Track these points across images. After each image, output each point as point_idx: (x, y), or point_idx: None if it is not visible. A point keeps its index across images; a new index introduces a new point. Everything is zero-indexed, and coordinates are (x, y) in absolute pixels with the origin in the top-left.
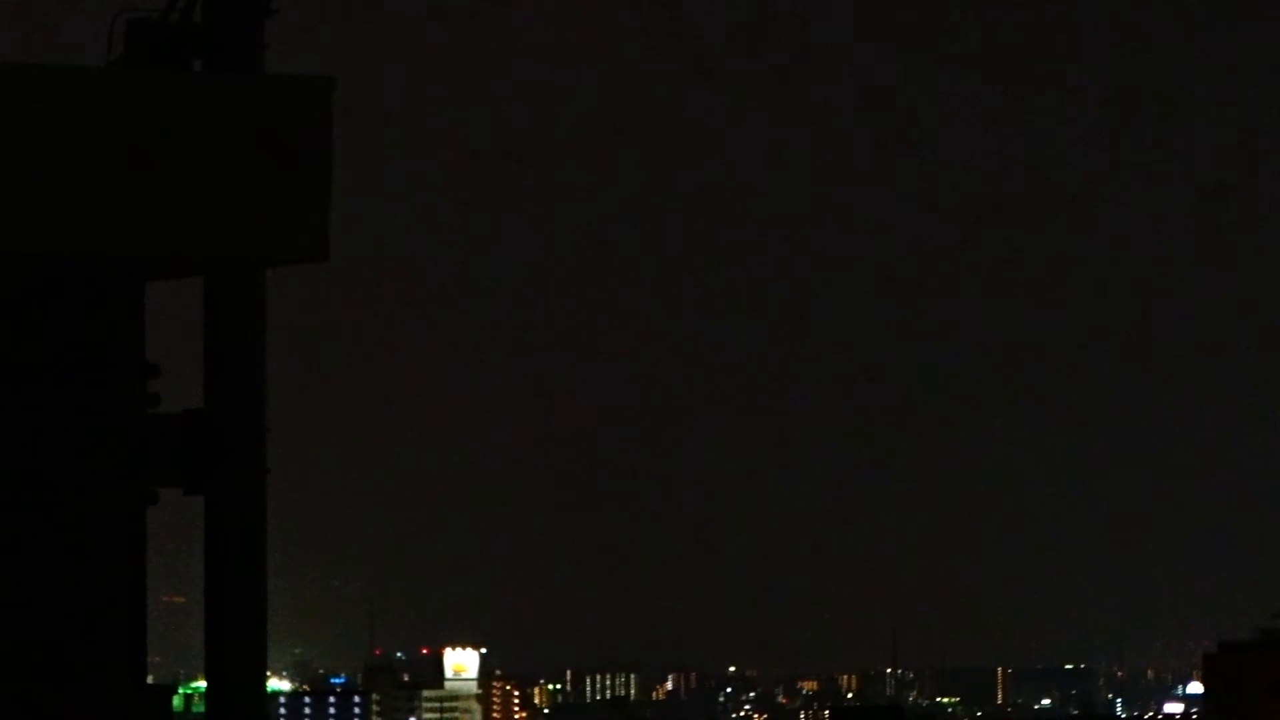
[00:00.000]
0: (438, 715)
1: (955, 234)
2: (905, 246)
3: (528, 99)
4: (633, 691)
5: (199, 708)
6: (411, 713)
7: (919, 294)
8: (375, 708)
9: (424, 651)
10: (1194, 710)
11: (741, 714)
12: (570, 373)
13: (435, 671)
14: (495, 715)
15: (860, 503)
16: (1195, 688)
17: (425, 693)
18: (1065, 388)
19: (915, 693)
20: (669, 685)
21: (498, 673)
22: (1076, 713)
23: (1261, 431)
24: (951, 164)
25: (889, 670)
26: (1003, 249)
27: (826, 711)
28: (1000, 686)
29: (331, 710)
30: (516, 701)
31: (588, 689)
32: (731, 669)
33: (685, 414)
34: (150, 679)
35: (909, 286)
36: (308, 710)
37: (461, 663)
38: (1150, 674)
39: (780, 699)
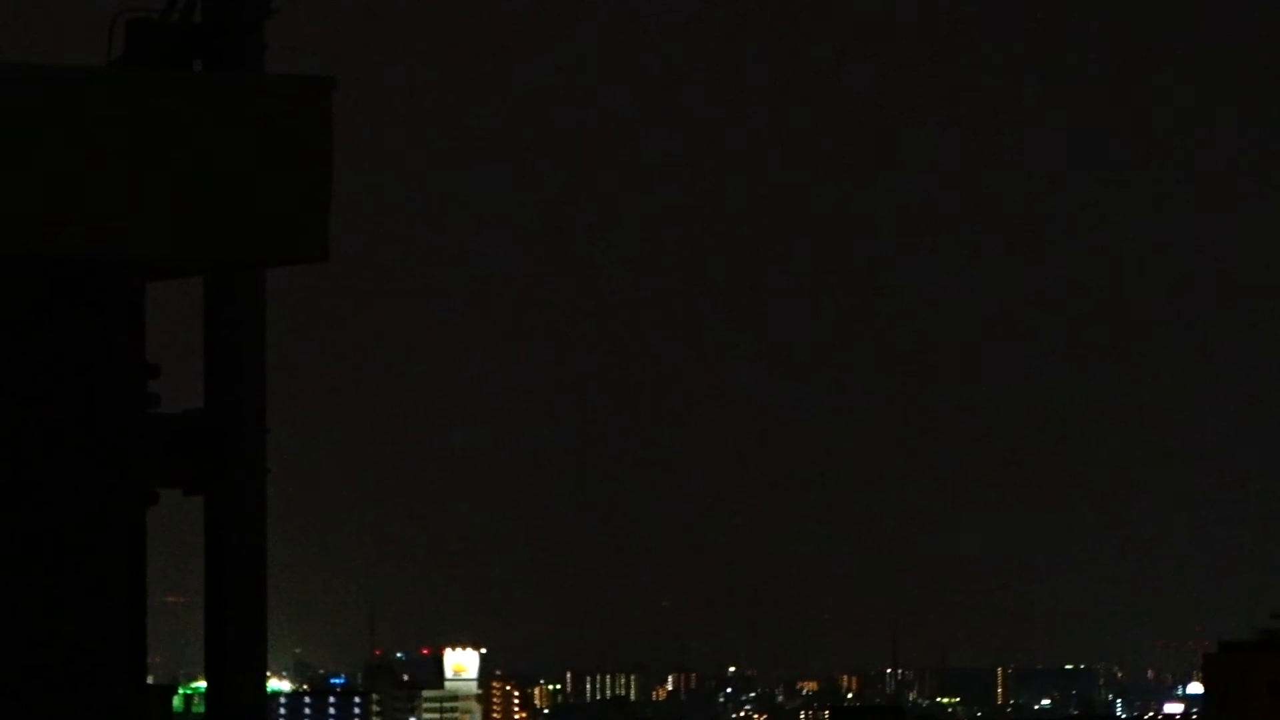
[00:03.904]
0: (438, 715)
1: (959, 232)
2: (909, 245)
3: (529, 98)
4: (633, 691)
5: (199, 708)
6: (411, 713)
7: (919, 294)
8: (375, 708)
9: (424, 651)
10: (1194, 710)
11: (741, 714)
12: (570, 372)
13: (435, 671)
14: (495, 715)
15: (860, 503)
16: (1195, 688)
17: (425, 693)
18: (1065, 388)
19: (915, 693)
20: (669, 685)
21: (498, 673)
22: (1076, 713)
23: (1262, 431)
24: (950, 163)
25: (889, 670)
26: (1006, 247)
27: (826, 711)
28: (1000, 686)
29: (331, 710)
30: (516, 701)
31: (588, 689)
32: (731, 669)
33: (685, 414)
34: (150, 679)
35: (910, 287)
36: (308, 710)
37: (461, 663)
38: (1150, 674)
39: (780, 699)
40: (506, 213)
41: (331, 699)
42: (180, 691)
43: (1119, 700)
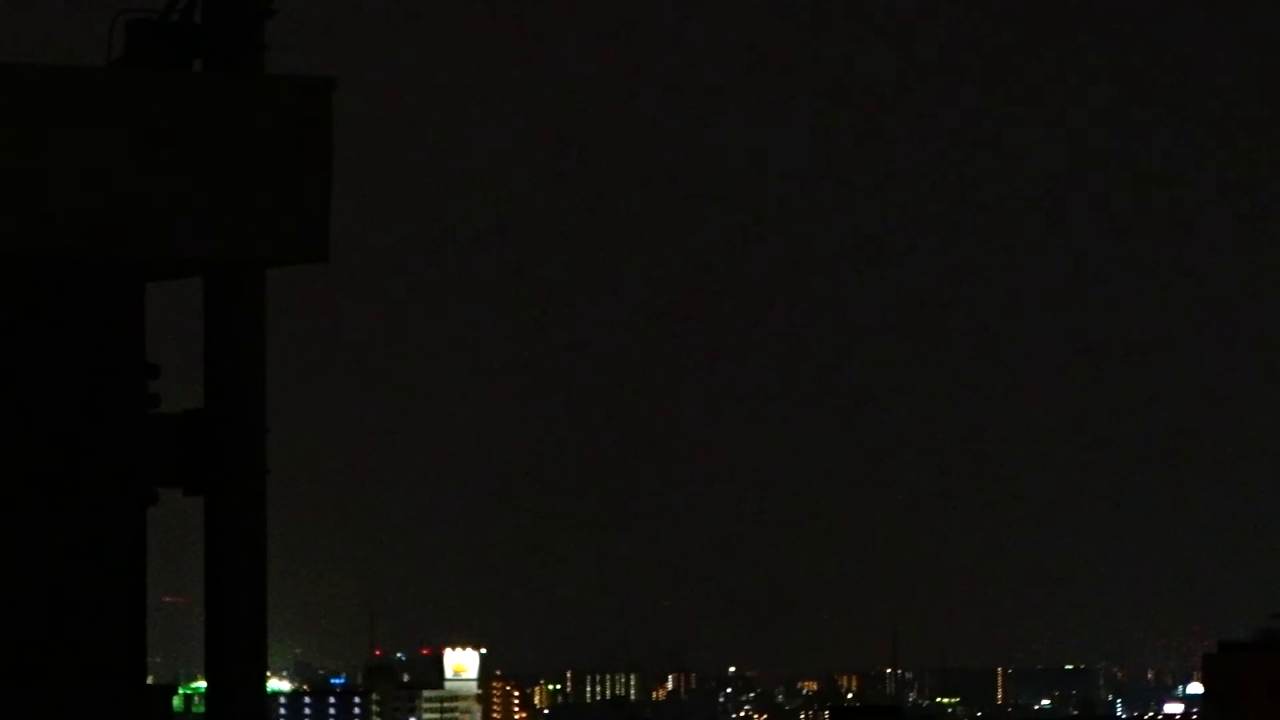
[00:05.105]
0: (438, 715)
1: (962, 233)
2: (910, 245)
3: (528, 97)
4: (633, 691)
5: (199, 708)
6: (411, 713)
7: (919, 295)
8: (375, 708)
9: (424, 651)
10: (1194, 710)
11: (741, 714)
12: (570, 373)
13: (435, 671)
14: (495, 715)
15: (860, 503)
16: (1195, 688)
17: (425, 693)
18: (1065, 388)
19: (915, 693)
20: (669, 685)
21: (498, 673)
22: (1076, 713)
23: (1261, 431)
24: (950, 161)
25: (889, 670)
26: (1004, 249)
27: (826, 711)
28: (1000, 686)
29: (331, 710)
30: (516, 701)
31: (588, 689)
32: (731, 669)
33: (685, 414)
34: (150, 679)
35: (910, 287)
36: (308, 710)
37: (461, 663)
38: (1150, 674)
39: (780, 699)
40: (508, 213)
41: (331, 699)
42: (180, 691)
43: (1119, 700)
